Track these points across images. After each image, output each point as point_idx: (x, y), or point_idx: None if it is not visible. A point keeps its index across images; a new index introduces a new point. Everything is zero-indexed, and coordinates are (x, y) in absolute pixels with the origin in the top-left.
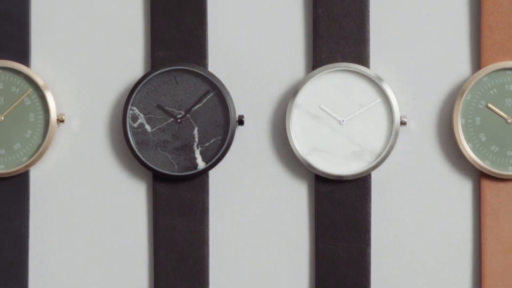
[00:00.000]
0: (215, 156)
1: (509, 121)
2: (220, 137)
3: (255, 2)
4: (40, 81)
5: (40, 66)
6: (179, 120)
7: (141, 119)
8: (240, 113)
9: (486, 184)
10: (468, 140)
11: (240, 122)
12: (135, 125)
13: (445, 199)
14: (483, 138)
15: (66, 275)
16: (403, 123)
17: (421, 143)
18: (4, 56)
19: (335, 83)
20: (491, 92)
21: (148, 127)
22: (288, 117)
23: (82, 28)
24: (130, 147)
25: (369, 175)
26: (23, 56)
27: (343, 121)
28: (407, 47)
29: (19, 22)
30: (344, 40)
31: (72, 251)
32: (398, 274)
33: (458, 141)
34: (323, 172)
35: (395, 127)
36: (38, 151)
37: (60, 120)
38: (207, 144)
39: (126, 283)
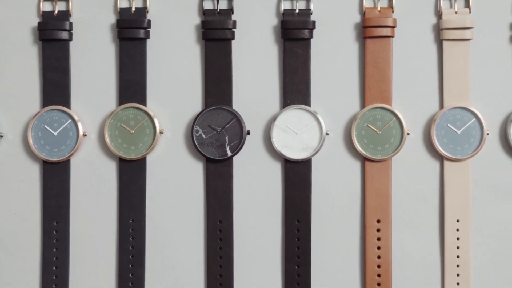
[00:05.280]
0: (236, 149)
1: (378, 133)
2: (238, 140)
3: (255, 76)
4: (151, 113)
5: (151, 105)
6: (218, 132)
7: (200, 132)
8: (248, 129)
9: (367, 164)
10: (358, 142)
11: (248, 133)
12: (197, 135)
13: (345, 172)
14: (366, 141)
15: (164, 212)
16: (327, 134)
17: (335, 143)
18: (134, 101)
19: (294, 114)
20: (369, 118)
21: (204, 136)
22: (271, 130)
23: (171, 86)
24: (195, 146)
25: (311, 159)
26: (143, 100)
27: (298, 133)
28: (330, 97)
29: (141, 84)
30: (298, 94)
31: (167, 198)
32: (323, 207)
33: (354, 142)
34: (288, 158)
35: (322, 136)
36: (150, 147)
37: (161, 132)
38: (232, 144)
39: (192, 215)
